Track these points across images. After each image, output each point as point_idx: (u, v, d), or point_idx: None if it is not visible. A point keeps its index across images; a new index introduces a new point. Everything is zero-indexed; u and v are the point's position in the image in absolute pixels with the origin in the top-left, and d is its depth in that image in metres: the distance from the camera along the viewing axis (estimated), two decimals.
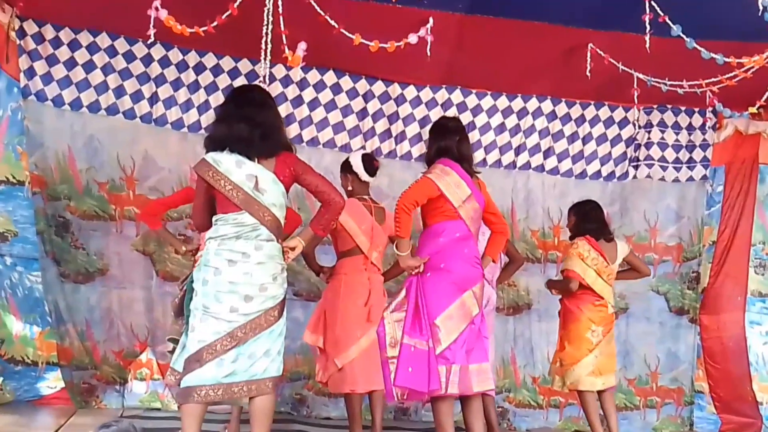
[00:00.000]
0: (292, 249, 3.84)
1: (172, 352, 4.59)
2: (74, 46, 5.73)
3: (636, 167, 6.83)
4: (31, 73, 5.63)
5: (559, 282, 5.58)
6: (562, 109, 6.69)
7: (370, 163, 4.95)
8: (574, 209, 5.61)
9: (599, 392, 5.33)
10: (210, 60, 6.03)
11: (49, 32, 5.66)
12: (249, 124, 3.67)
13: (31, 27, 5.61)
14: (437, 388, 4.08)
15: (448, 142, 4.34)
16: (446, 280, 4.17)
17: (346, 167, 4.96)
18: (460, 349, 4.13)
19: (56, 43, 5.68)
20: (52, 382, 5.59)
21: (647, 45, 4.57)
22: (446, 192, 4.20)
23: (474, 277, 4.24)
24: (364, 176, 4.91)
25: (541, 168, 6.71)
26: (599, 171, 6.80)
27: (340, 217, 4.52)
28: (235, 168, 3.65)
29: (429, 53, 5.01)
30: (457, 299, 4.16)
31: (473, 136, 6.51)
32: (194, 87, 6.01)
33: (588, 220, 5.47)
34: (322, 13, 4.62)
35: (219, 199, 3.70)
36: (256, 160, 3.69)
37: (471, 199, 4.26)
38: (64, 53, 5.71)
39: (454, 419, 4.23)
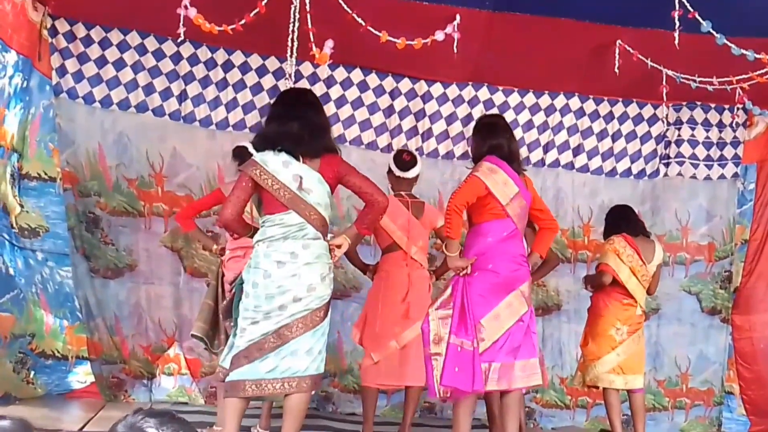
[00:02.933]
0: (338, 246, 3.87)
1: (211, 346, 4.68)
2: (105, 44, 5.79)
3: (667, 165, 6.75)
4: (62, 71, 5.69)
5: (592, 276, 5.54)
6: (590, 106, 6.62)
7: (400, 158, 5.01)
8: (609, 212, 5.60)
9: (628, 393, 5.29)
10: (238, 58, 6.06)
11: (80, 30, 5.73)
12: (300, 122, 3.77)
13: (62, 25, 5.67)
14: (480, 388, 4.12)
15: (499, 139, 4.36)
16: (493, 281, 4.19)
17: (389, 167, 5.04)
18: (503, 346, 4.15)
19: (87, 41, 5.75)
20: (81, 376, 5.67)
21: (676, 41, 4.52)
22: (494, 190, 4.20)
23: (521, 276, 4.25)
24: (397, 171, 4.96)
25: (570, 166, 6.64)
26: (629, 169, 6.72)
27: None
28: (282, 168, 3.72)
29: (456, 50, 5.00)
30: (503, 299, 4.19)
31: None
32: (222, 85, 6.04)
33: (623, 218, 5.45)
34: (349, 11, 4.63)
35: (266, 199, 3.77)
36: (301, 159, 3.75)
37: (518, 197, 4.26)
38: (95, 51, 5.77)
39: (472, 417, 4.26)
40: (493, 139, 4.36)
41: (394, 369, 4.79)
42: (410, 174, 4.97)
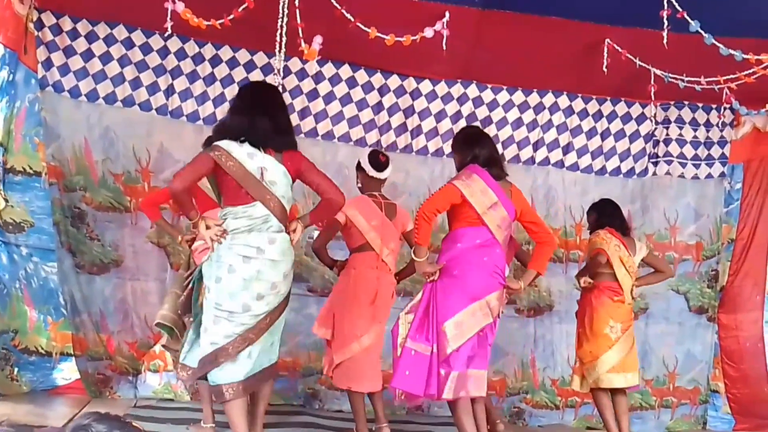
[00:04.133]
0: (294, 231, 3.89)
1: (180, 336, 4.57)
2: (91, 37, 5.75)
3: (655, 164, 6.78)
4: (48, 64, 5.65)
5: (587, 265, 5.48)
6: (578, 104, 6.64)
7: (376, 158, 4.93)
8: (594, 207, 5.64)
9: (613, 392, 5.30)
10: (226, 53, 6.03)
11: (66, 24, 5.68)
12: (270, 119, 3.81)
13: (49, 18, 5.62)
14: (434, 393, 4.14)
15: (480, 149, 4.39)
16: (458, 287, 4.20)
17: (357, 164, 4.98)
18: (463, 355, 4.16)
19: (74, 34, 5.70)
20: (66, 373, 5.62)
21: (665, 41, 4.53)
22: (470, 198, 4.21)
23: (489, 286, 4.22)
24: (371, 172, 4.88)
25: (560, 164, 6.66)
26: (619, 167, 6.74)
27: (349, 213, 4.67)
28: (246, 158, 3.73)
29: (445, 47, 4.99)
30: (467, 307, 4.18)
31: (490, 131, 6.45)
32: (210, 80, 6.01)
33: (608, 215, 5.49)
34: (338, 7, 4.62)
35: (229, 189, 3.76)
36: (264, 151, 3.77)
37: (498, 206, 4.26)
38: (81, 45, 5.72)
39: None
40: (474, 148, 4.40)
41: (360, 371, 4.73)
42: (384, 175, 4.93)
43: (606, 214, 5.50)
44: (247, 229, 3.71)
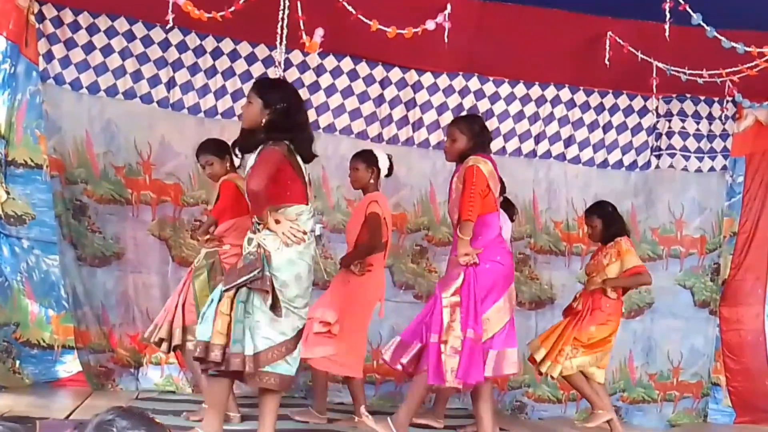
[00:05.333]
0: None
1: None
2: (92, 30, 5.74)
3: (658, 156, 6.77)
4: (49, 56, 5.64)
5: (627, 280, 5.38)
6: (580, 97, 6.63)
7: (392, 165, 5.03)
8: (597, 212, 5.51)
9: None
10: (227, 45, 6.03)
11: (68, 16, 5.67)
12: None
13: (50, 11, 5.62)
14: (488, 374, 4.21)
15: (486, 138, 4.40)
16: (501, 273, 4.24)
17: (373, 161, 4.95)
18: (501, 335, 4.23)
19: (75, 27, 5.69)
20: (68, 366, 5.62)
21: (667, 34, 4.53)
22: (491, 182, 4.24)
23: (513, 272, 4.37)
24: (384, 174, 4.97)
25: (562, 157, 6.64)
26: (621, 160, 6.73)
27: (382, 211, 4.80)
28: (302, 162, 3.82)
29: (446, 40, 4.99)
30: (506, 292, 4.26)
31: (492, 123, 6.48)
32: (211, 72, 6.00)
33: (617, 220, 5.48)
34: None
35: (299, 188, 3.77)
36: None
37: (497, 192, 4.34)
38: (82, 37, 5.72)
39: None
40: (486, 137, 4.40)
41: (347, 359, 4.85)
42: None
43: (615, 220, 5.46)
44: (311, 231, 3.79)
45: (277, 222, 3.68)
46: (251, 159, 3.80)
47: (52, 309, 5.58)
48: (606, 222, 5.44)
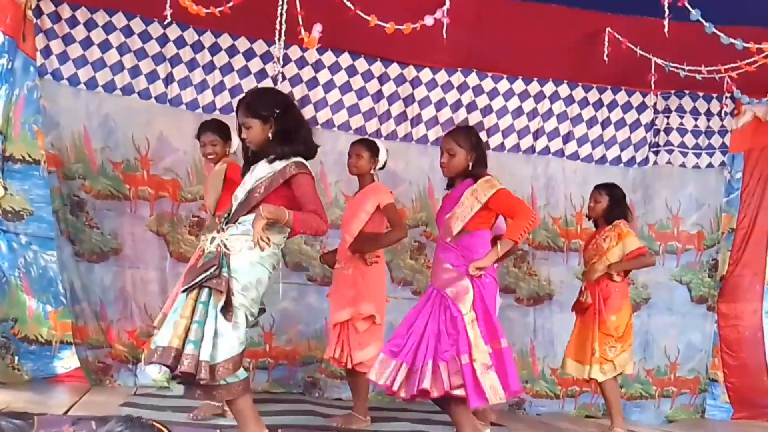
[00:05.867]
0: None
1: None
2: (90, 25, 5.73)
3: (656, 153, 6.77)
4: (47, 52, 5.63)
5: (631, 262, 5.35)
6: (579, 93, 6.63)
7: (385, 162, 5.01)
8: (606, 190, 5.44)
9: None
10: (225, 41, 6.02)
11: (65, 11, 5.66)
12: None
13: (47, 6, 5.60)
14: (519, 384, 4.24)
15: (483, 149, 4.35)
16: (496, 287, 4.36)
17: (375, 150, 4.92)
18: None
19: (72, 22, 5.68)
20: (66, 361, 5.62)
21: (666, 30, 4.53)
22: None
23: None
24: (377, 167, 4.93)
25: (560, 153, 6.65)
26: (619, 156, 6.74)
27: (395, 202, 4.82)
28: None
29: (445, 36, 4.97)
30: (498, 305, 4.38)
31: (490, 119, 6.50)
32: (209, 68, 5.99)
33: (623, 205, 5.44)
34: None
35: (292, 202, 3.72)
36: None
37: None
38: (80, 32, 5.70)
39: None
40: (480, 148, 4.33)
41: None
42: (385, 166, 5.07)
43: (621, 204, 5.43)
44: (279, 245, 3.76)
45: (259, 217, 3.57)
46: (267, 168, 3.72)
47: (50, 305, 5.58)
48: (612, 201, 5.39)
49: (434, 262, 4.42)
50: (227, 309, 3.53)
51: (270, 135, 3.72)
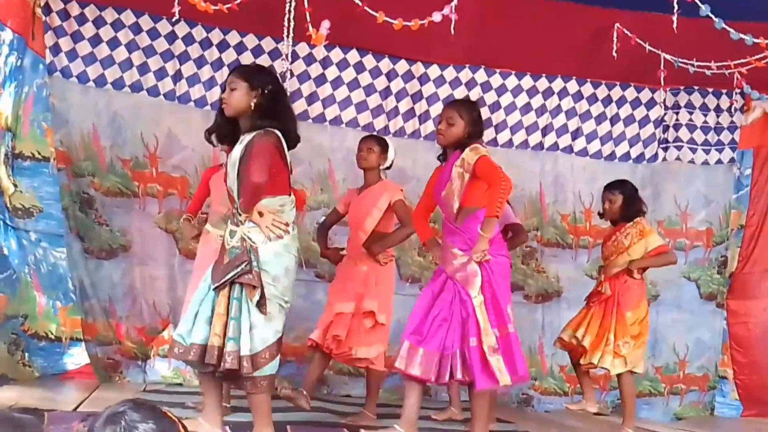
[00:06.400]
0: None
1: None
2: (99, 23, 5.74)
3: (665, 149, 6.75)
4: (56, 49, 5.65)
5: (653, 260, 5.27)
6: (587, 89, 6.61)
7: (392, 162, 4.99)
8: (618, 189, 5.30)
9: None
10: (234, 38, 6.02)
11: (74, 9, 5.68)
12: None
13: (56, 4, 5.62)
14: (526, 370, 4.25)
15: (481, 126, 4.27)
16: (509, 266, 4.24)
17: (386, 147, 4.90)
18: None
19: (81, 19, 5.70)
20: (76, 358, 5.64)
21: (675, 25, 4.50)
22: None
23: None
24: (385, 165, 4.91)
25: (569, 149, 6.63)
26: (628, 153, 6.72)
27: (404, 199, 4.77)
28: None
29: (453, 32, 4.96)
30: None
31: (498, 115, 6.49)
32: (218, 65, 6.00)
33: (637, 199, 5.30)
34: None
35: (285, 178, 3.69)
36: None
37: None
38: (89, 30, 5.72)
39: None
40: (479, 124, 4.25)
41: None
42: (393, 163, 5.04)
43: (636, 200, 5.28)
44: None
45: (261, 214, 3.59)
46: (238, 148, 3.66)
47: (60, 301, 5.60)
48: (627, 200, 5.24)
49: (443, 246, 4.28)
50: (261, 303, 3.55)
51: (252, 104, 3.63)
